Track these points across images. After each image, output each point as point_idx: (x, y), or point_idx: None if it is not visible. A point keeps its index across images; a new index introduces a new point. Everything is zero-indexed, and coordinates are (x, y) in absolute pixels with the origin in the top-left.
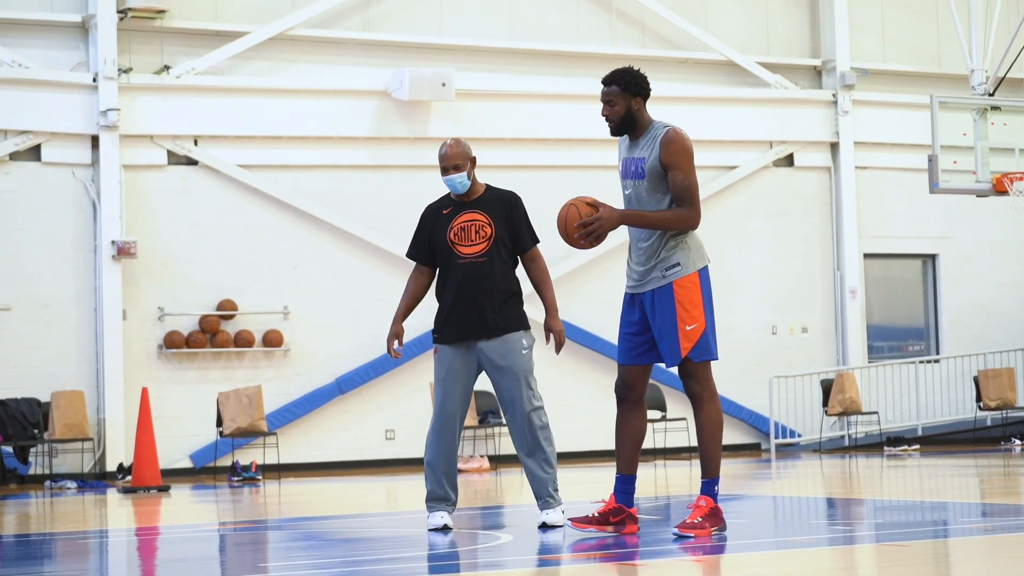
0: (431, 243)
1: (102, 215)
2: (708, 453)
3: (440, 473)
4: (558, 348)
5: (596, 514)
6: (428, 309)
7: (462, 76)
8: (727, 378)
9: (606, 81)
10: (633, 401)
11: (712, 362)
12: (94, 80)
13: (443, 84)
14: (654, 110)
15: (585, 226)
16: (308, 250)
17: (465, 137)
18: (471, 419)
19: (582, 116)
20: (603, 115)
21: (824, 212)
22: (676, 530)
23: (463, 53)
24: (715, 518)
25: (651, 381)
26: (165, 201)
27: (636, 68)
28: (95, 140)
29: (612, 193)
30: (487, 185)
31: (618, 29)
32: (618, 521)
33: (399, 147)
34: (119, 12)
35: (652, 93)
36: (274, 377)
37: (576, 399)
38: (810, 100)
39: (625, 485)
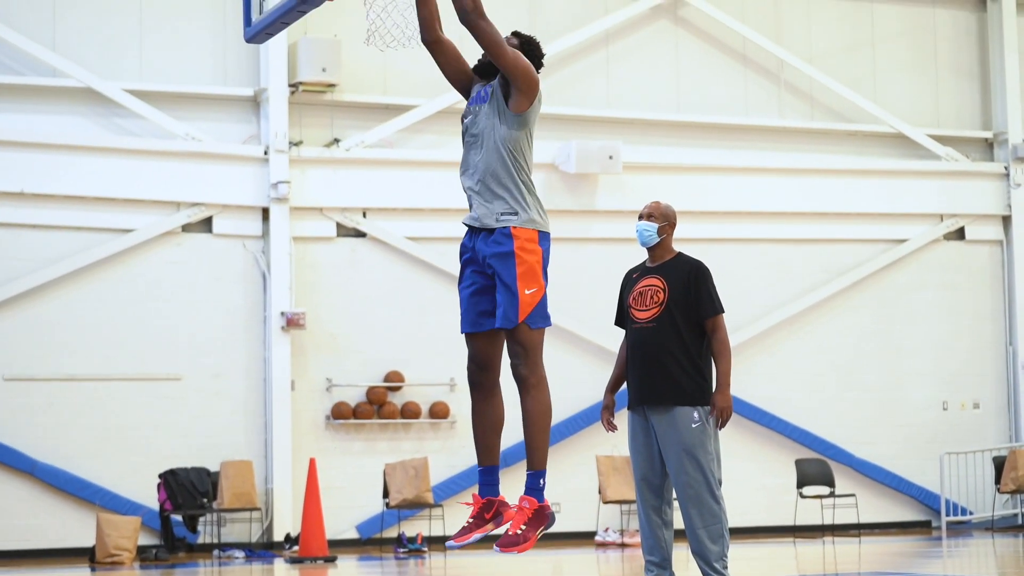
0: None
1: (272, 286)
2: (535, 443)
3: (646, 538)
4: (720, 424)
5: (470, 520)
6: (587, 384)
7: (629, 149)
8: (897, 454)
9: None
10: (488, 387)
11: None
12: (265, 153)
13: (610, 157)
14: (820, 182)
15: None
16: None
17: (630, 210)
18: (621, 493)
19: (751, 189)
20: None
21: (996, 286)
22: (497, 548)
23: (630, 126)
24: (540, 519)
25: (821, 457)
26: (334, 273)
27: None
28: (265, 212)
29: (778, 267)
30: (679, 253)
31: (786, 102)
32: (493, 515)
33: (566, 220)
34: (290, 86)
35: (819, 166)
36: (440, 449)
37: (743, 475)
38: (981, 173)
39: (488, 477)
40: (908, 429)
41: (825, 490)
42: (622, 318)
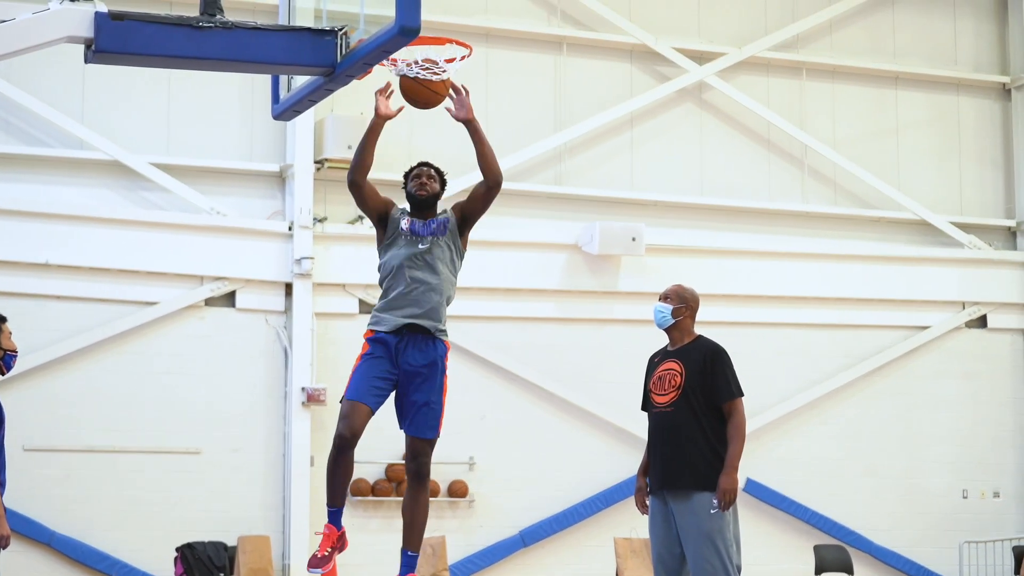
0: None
1: (293, 362)
2: (420, 527)
3: None
4: (722, 506)
5: (329, 550)
6: (605, 466)
7: (652, 231)
8: (916, 541)
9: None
10: (352, 447)
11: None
12: (289, 228)
13: (633, 239)
14: (843, 267)
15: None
16: (495, 401)
17: (653, 292)
18: None
19: (774, 273)
20: (424, 182)
21: (1017, 375)
22: None
23: (654, 208)
24: None
25: (840, 544)
26: (355, 350)
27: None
28: (289, 288)
29: (799, 351)
30: (699, 336)
31: (809, 187)
32: (341, 545)
33: (588, 301)
34: (316, 163)
35: (842, 252)
36: (458, 528)
37: (761, 559)
38: (1004, 261)
39: (338, 515)
40: (928, 517)
41: None
42: (647, 403)
